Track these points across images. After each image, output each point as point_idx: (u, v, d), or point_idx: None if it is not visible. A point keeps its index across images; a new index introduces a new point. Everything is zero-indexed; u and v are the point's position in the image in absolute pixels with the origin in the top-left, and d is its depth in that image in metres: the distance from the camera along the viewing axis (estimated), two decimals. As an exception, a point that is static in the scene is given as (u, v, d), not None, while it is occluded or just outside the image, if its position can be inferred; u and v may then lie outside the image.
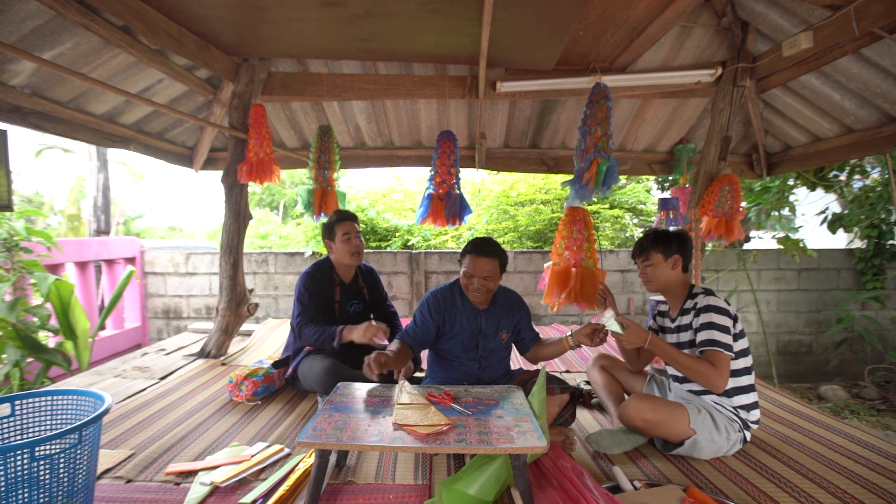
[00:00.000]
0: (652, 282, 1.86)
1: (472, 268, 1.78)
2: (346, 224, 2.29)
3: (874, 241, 4.43)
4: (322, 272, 2.33)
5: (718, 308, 1.69)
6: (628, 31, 2.44)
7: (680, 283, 1.84)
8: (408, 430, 1.26)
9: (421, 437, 1.22)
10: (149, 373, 2.74)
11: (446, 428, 1.26)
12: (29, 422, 1.39)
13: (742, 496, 1.46)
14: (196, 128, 3.64)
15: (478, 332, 1.87)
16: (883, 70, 2.43)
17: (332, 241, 2.31)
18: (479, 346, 1.88)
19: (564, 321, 4.47)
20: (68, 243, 3.66)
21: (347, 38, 2.48)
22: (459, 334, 1.86)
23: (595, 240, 2.43)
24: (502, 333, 1.90)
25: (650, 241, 1.84)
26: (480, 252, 1.79)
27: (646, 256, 1.84)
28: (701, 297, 1.75)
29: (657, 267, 1.82)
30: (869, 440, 1.85)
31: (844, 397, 3.92)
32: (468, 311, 1.88)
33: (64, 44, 2.30)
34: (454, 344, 1.87)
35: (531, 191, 5.50)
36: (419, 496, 1.45)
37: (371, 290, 2.49)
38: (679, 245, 1.81)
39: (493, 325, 1.88)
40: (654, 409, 1.63)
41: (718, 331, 1.65)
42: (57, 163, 12.93)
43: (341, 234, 2.27)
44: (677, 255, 1.81)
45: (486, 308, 1.89)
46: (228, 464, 1.65)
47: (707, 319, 1.68)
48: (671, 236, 1.83)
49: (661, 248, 1.80)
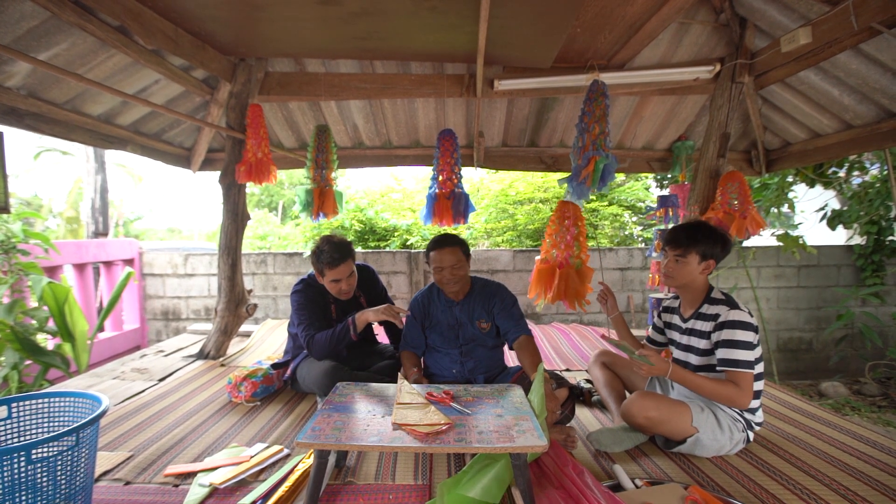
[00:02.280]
0: (674, 278, 1.77)
1: (439, 261, 1.96)
2: (336, 271, 2.08)
3: (874, 238, 4.43)
4: (315, 289, 2.21)
5: (744, 324, 1.61)
6: (626, 28, 2.43)
7: (702, 284, 1.78)
8: (407, 430, 1.25)
9: (420, 437, 1.21)
10: (147, 374, 2.73)
11: (446, 427, 1.26)
12: (26, 424, 1.39)
13: (745, 494, 1.46)
14: (193, 129, 3.63)
15: (455, 323, 2.05)
16: (882, 65, 2.42)
17: (320, 276, 2.15)
18: (459, 335, 2.05)
19: (564, 319, 4.47)
20: (66, 245, 3.65)
21: (344, 37, 2.47)
22: (437, 326, 2.08)
23: (589, 237, 2.43)
24: (480, 322, 2.04)
25: (692, 237, 1.70)
26: (442, 245, 1.98)
27: (682, 252, 1.71)
28: (724, 310, 1.66)
29: (688, 266, 1.72)
30: (872, 437, 1.85)
31: (845, 394, 3.92)
32: (444, 305, 2.08)
33: (59, 45, 2.29)
34: (435, 336, 2.09)
35: (530, 189, 5.49)
36: (419, 496, 1.45)
37: (369, 296, 2.37)
38: (721, 250, 1.71)
39: (467, 314, 2.05)
40: (657, 406, 1.62)
41: (742, 349, 1.59)
42: (55, 165, 12.92)
43: (329, 279, 2.11)
44: (713, 260, 1.71)
45: (461, 299, 2.06)
46: (227, 465, 1.64)
47: (730, 336, 1.61)
48: (717, 238, 1.70)
49: (701, 249, 1.69)
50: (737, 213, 2.70)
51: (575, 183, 2.31)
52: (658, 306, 2.80)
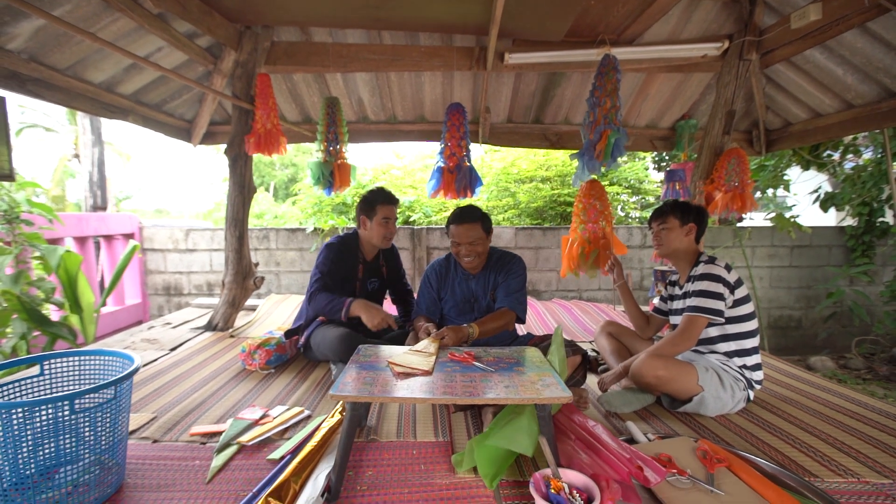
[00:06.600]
0: (664, 245, 1.93)
1: (457, 236, 1.93)
2: (389, 208, 2.22)
3: (865, 219, 4.55)
4: (348, 247, 2.29)
5: (712, 276, 1.78)
6: (640, 1, 2.43)
7: (690, 251, 1.93)
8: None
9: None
10: (158, 344, 2.75)
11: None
12: (58, 382, 1.41)
13: (748, 447, 1.54)
14: (195, 100, 3.56)
15: (470, 296, 2.05)
16: (887, 44, 2.46)
17: (369, 219, 2.24)
18: (474, 308, 2.05)
19: (565, 296, 4.55)
20: (68, 217, 3.60)
21: (357, 5, 2.43)
22: (452, 298, 2.07)
23: (609, 208, 2.55)
24: (493, 294, 2.04)
25: (670, 206, 1.92)
26: (461, 220, 1.93)
27: (663, 220, 1.92)
28: (702, 265, 1.83)
29: (672, 231, 1.90)
30: (861, 399, 1.96)
31: (832, 367, 4.09)
32: (461, 278, 2.07)
33: (63, 6, 2.22)
34: (450, 308, 2.09)
35: (532, 167, 5.51)
36: (443, 452, 1.51)
37: (389, 267, 2.47)
38: (697, 215, 1.90)
39: (482, 287, 2.04)
40: (665, 366, 1.70)
41: (707, 297, 1.75)
42: (39, 143, 12.53)
43: (381, 216, 2.20)
44: (693, 223, 1.89)
45: (478, 272, 2.04)
46: (252, 424, 1.68)
47: (699, 287, 1.78)
48: (691, 206, 1.92)
49: (679, 214, 1.89)
50: (735, 190, 2.77)
51: (586, 158, 2.34)
52: (663, 278, 2.89)
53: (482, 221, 1.94)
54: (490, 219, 2.00)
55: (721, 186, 2.74)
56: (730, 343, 1.81)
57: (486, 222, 1.97)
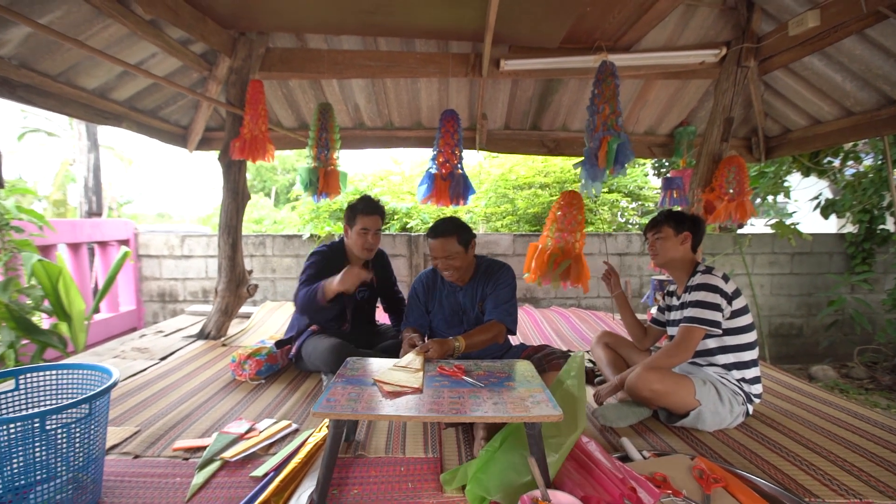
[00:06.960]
0: (659, 255, 1.90)
1: (433, 250, 1.85)
2: (369, 219, 2.16)
3: (865, 226, 4.51)
4: (334, 254, 2.25)
5: (709, 286, 1.74)
6: (636, 7, 2.41)
7: (687, 260, 1.89)
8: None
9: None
10: (148, 353, 2.71)
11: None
12: (34, 396, 1.37)
13: (746, 465, 1.50)
14: (190, 106, 3.55)
15: (458, 309, 1.97)
16: (885, 51, 2.43)
17: (350, 229, 2.21)
18: (463, 321, 1.97)
19: (563, 304, 4.51)
20: (60, 224, 3.58)
21: (351, 10, 2.41)
22: (440, 311, 2.00)
23: (588, 222, 2.52)
24: (481, 305, 1.95)
25: (664, 216, 1.90)
26: (435, 234, 1.83)
27: (657, 229, 1.89)
28: (699, 276, 1.79)
29: (666, 241, 1.87)
30: (865, 413, 1.91)
31: (834, 377, 4.03)
32: (448, 290, 1.99)
33: (53, 12, 2.21)
34: (438, 321, 2.01)
35: (530, 174, 5.48)
36: (432, 469, 1.46)
37: (380, 275, 2.42)
38: (692, 224, 1.87)
39: (470, 299, 1.96)
40: (661, 379, 1.66)
41: (704, 308, 1.71)
42: (41, 147, 12.56)
43: (360, 226, 2.16)
44: (688, 232, 1.86)
45: (465, 284, 1.97)
46: (238, 438, 1.64)
47: (695, 298, 1.74)
48: (685, 215, 1.90)
49: (673, 223, 1.86)
50: (737, 199, 2.73)
51: (588, 166, 2.30)
52: (661, 288, 2.84)
53: (458, 235, 1.81)
54: (470, 230, 1.89)
55: (721, 196, 2.70)
56: (728, 355, 1.76)
57: (464, 235, 1.84)
